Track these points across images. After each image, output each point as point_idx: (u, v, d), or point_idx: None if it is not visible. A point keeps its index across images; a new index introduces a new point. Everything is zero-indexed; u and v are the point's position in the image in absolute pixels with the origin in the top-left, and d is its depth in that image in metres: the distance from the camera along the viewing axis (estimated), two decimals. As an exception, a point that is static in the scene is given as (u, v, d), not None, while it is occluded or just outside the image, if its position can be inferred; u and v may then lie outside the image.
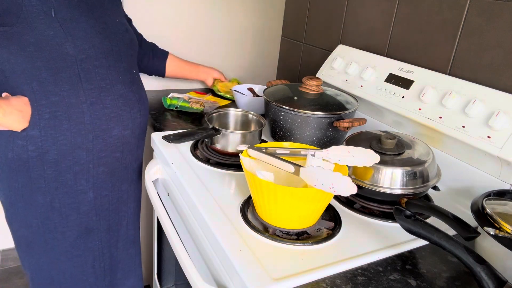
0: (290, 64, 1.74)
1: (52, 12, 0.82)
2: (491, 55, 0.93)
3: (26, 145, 0.85)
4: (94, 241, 1.00)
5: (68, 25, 0.84)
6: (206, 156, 1.01)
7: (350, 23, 1.36)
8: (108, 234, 1.03)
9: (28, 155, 0.86)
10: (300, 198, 0.67)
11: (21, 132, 0.84)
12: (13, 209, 0.93)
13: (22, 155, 0.86)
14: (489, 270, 0.56)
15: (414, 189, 0.81)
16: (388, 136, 0.87)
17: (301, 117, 1.03)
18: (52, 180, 0.90)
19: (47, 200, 0.91)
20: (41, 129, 0.85)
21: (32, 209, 0.92)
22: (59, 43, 0.83)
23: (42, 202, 0.91)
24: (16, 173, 0.88)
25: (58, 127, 0.86)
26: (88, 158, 0.92)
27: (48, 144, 0.86)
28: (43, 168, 0.88)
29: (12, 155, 0.86)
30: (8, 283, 1.79)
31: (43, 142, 0.86)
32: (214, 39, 1.62)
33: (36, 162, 0.87)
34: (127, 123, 0.96)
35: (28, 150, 0.86)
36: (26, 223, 0.93)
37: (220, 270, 0.71)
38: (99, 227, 1.00)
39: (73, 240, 0.97)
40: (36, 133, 0.85)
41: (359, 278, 0.65)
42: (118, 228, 1.05)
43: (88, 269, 1.02)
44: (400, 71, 1.10)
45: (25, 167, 0.87)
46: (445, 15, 1.02)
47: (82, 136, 0.89)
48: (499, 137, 0.83)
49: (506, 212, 0.67)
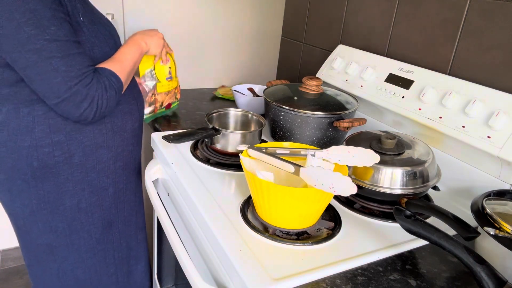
0: (290, 64, 1.74)
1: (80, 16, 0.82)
2: (491, 55, 0.93)
3: (52, 151, 0.86)
4: (114, 233, 1.04)
5: (91, 29, 0.85)
6: (206, 156, 1.01)
7: (350, 23, 1.36)
8: (124, 224, 1.06)
9: (55, 161, 0.87)
10: (300, 198, 0.67)
11: (45, 140, 0.84)
12: (34, 217, 0.92)
13: (48, 162, 0.86)
14: (489, 270, 0.56)
15: (414, 189, 0.81)
16: (388, 136, 0.87)
17: (301, 117, 1.03)
18: (79, 182, 0.91)
19: (74, 202, 0.93)
20: (67, 133, 0.86)
21: (59, 213, 0.92)
22: (90, 48, 0.84)
23: (70, 205, 0.92)
24: (42, 181, 0.88)
25: (82, 129, 0.87)
26: (109, 155, 0.94)
27: (74, 147, 0.88)
28: (70, 171, 0.89)
29: (38, 163, 0.86)
30: (8, 283, 1.79)
31: (69, 146, 0.87)
32: (214, 39, 1.62)
33: (63, 167, 0.88)
34: (136, 116, 1.00)
35: (54, 156, 0.86)
36: (51, 228, 0.93)
37: (220, 270, 0.71)
38: (117, 219, 1.03)
39: (98, 236, 1.00)
40: (62, 138, 0.86)
41: (359, 278, 0.65)
42: (130, 218, 1.08)
43: (110, 260, 1.05)
44: (400, 71, 1.10)
45: (52, 173, 0.88)
46: (445, 15, 1.02)
47: (103, 135, 0.91)
48: (499, 137, 0.83)
49: (506, 212, 0.67)
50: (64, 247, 0.96)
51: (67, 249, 0.97)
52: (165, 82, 1.18)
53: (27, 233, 0.94)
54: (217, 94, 1.55)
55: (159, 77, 1.15)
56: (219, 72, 1.70)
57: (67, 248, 0.96)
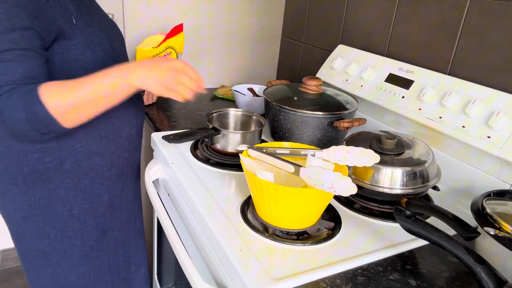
0: (290, 64, 1.74)
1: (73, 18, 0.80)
2: (491, 55, 0.93)
3: (42, 157, 0.84)
4: (109, 240, 1.02)
5: (85, 32, 0.82)
6: (206, 156, 1.01)
7: (350, 23, 1.36)
8: (121, 231, 1.04)
9: (46, 167, 0.85)
10: (300, 198, 0.67)
11: (35, 146, 0.83)
12: (26, 223, 0.90)
13: (39, 168, 0.85)
14: (489, 270, 0.56)
15: (414, 189, 0.81)
16: (388, 136, 0.87)
17: (301, 117, 1.03)
18: (71, 189, 0.90)
19: (66, 209, 0.91)
20: (58, 139, 0.84)
21: (51, 220, 0.91)
22: (81, 52, 0.81)
23: (61, 212, 0.91)
24: (33, 187, 0.87)
25: (74, 135, 0.86)
26: (103, 162, 0.92)
27: (65, 153, 0.86)
28: (61, 177, 0.88)
29: (29, 169, 0.84)
30: (8, 283, 1.79)
31: (60, 152, 0.85)
32: (214, 39, 1.62)
33: (54, 173, 0.87)
34: (133, 122, 0.97)
35: (45, 162, 0.85)
36: (43, 234, 0.92)
37: (220, 270, 0.71)
38: (113, 226, 1.01)
39: (92, 243, 0.98)
40: (53, 144, 0.84)
41: (359, 278, 0.65)
42: (128, 225, 1.07)
43: (105, 267, 1.03)
44: (400, 71, 1.10)
45: (42, 179, 0.86)
46: (445, 15, 1.02)
47: (97, 141, 0.89)
48: (499, 137, 0.83)
49: (506, 212, 0.67)
50: (57, 253, 0.95)
51: (60, 255, 0.95)
52: None
53: (21, 238, 0.93)
54: (217, 94, 1.55)
55: None
56: (219, 72, 1.70)
57: (60, 254, 0.95)
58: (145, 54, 1.29)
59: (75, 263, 0.97)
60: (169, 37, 1.32)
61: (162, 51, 1.30)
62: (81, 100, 0.72)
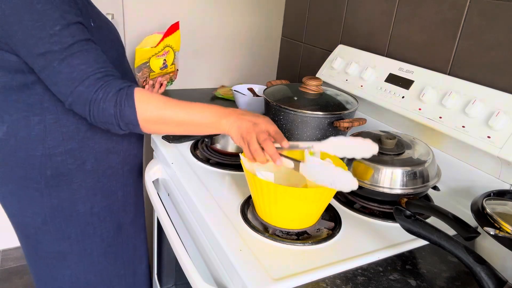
0: (290, 64, 1.74)
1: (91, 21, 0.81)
2: (491, 55, 0.93)
3: (65, 159, 0.86)
4: (123, 235, 1.04)
5: (99, 34, 0.83)
6: (206, 156, 1.01)
7: (350, 23, 1.36)
8: (131, 225, 1.07)
9: (68, 168, 0.87)
10: (300, 198, 0.67)
11: (58, 148, 0.84)
12: (46, 226, 0.91)
13: (62, 170, 0.86)
14: (489, 270, 0.56)
15: (414, 189, 0.81)
16: (388, 136, 0.87)
17: (301, 117, 1.03)
18: (91, 188, 0.92)
19: (87, 208, 0.93)
20: (79, 141, 0.86)
21: (72, 220, 0.92)
22: None
23: (83, 211, 0.92)
24: (56, 189, 0.88)
25: (94, 136, 0.88)
26: (118, 159, 0.95)
27: (86, 154, 0.88)
28: (83, 177, 0.89)
29: (52, 172, 0.86)
30: (8, 283, 1.79)
31: (81, 153, 0.87)
32: (214, 39, 1.62)
33: (76, 174, 0.88)
34: None
35: (67, 164, 0.86)
36: (63, 235, 0.93)
37: (220, 270, 0.71)
38: (125, 221, 1.04)
39: (109, 240, 1.00)
40: (75, 146, 0.86)
41: (359, 278, 0.65)
42: (136, 219, 1.09)
43: (119, 262, 1.06)
44: (400, 71, 1.10)
45: (65, 180, 0.88)
46: (445, 15, 1.02)
47: (113, 141, 0.92)
48: (499, 137, 0.83)
49: (506, 212, 0.67)
50: (77, 254, 0.96)
51: (80, 254, 0.96)
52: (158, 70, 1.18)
53: (38, 241, 0.93)
54: (217, 94, 1.55)
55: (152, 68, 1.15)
56: (219, 72, 1.70)
57: (79, 254, 0.96)
58: (144, 54, 1.29)
59: (94, 261, 0.99)
60: (166, 36, 1.32)
61: (160, 50, 1.30)
62: (170, 118, 0.75)
